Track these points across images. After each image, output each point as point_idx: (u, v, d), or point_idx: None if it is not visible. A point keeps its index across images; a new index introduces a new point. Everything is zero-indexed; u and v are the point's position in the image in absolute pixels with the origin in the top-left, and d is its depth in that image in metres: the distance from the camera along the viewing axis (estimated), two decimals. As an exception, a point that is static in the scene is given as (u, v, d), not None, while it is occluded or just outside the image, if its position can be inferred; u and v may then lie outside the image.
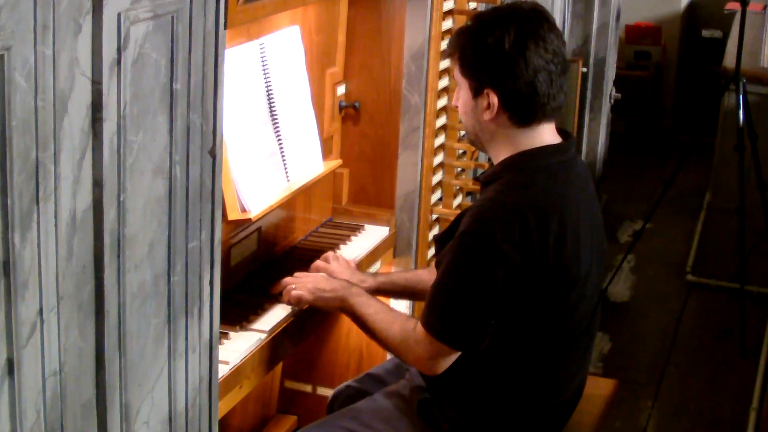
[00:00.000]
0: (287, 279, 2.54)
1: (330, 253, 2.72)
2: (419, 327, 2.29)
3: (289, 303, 2.51)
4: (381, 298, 2.60)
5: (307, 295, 2.48)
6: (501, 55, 2.20)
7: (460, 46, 2.28)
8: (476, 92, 2.27)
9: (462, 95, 2.31)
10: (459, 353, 2.27)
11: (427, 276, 2.65)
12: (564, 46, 2.26)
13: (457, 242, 2.22)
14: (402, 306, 3.16)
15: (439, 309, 2.25)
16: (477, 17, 2.30)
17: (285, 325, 2.47)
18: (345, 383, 2.75)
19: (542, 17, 2.24)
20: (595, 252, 2.32)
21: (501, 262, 2.16)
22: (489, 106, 2.24)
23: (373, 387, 2.66)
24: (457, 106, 2.36)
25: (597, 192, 2.44)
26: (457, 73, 2.31)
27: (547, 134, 2.29)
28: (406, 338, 2.32)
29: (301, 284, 2.50)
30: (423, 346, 2.28)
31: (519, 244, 2.16)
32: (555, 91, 2.23)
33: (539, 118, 2.26)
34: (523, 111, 2.24)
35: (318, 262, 2.68)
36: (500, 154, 2.30)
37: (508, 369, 2.31)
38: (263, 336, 2.39)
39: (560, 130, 2.33)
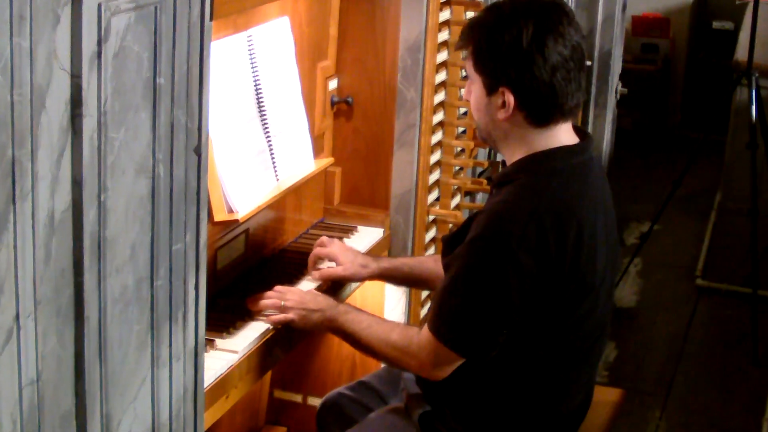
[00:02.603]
0: (268, 295, 2.51)
1: (324, 238, 2.74)
2: (424, 332, 2.29)
3: (272, 324, 2.49)
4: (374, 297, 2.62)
5: (294, 318, 2.47)
6: (518, 53, 2.18)
7: (475, 40, 2.26)
8: (491, 90, 2.25)
9: (475, 91, 2.29)
10: (463, 360, 2.28)
11: (432, 264, 2.66)
12: (584, 41, 2.24)
13: (469, 246, 2.22)
14: (399, 306, 3.17)
15: (448, 314, 2.25)
16: (492, 9, 2.27)
17: (274, 332, 2.47)
18: (337, 390, 2.76)
19: (561, 11, 2.22)
20: (610, 258, 2.32)
21: (515, 268, 2.16)
22: (504, 104, 2.23)
23: (366, 396, 2.67)
24: (468, 100, 2.34)
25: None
26: (469, 67, 2.29)
27: (564, 134, 2.28)
28: (408, 345, 2.32)
29: (287, 304, 2.48)
30: (427, 351, 2.28)
31: (535, 250, 2.15)
32: (573, 89, 2.22)
33: (557, 117, 2.25)
34: (539, 110, 2.23)
35: (317, 249, 2.70)
36: (514, 154, 2.29)
37: (515, 378, 2.32)
38: (251, 343, 2.39)
39: (577, 129, 2.33)
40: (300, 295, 2.50)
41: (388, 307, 3.09)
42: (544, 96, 2.20)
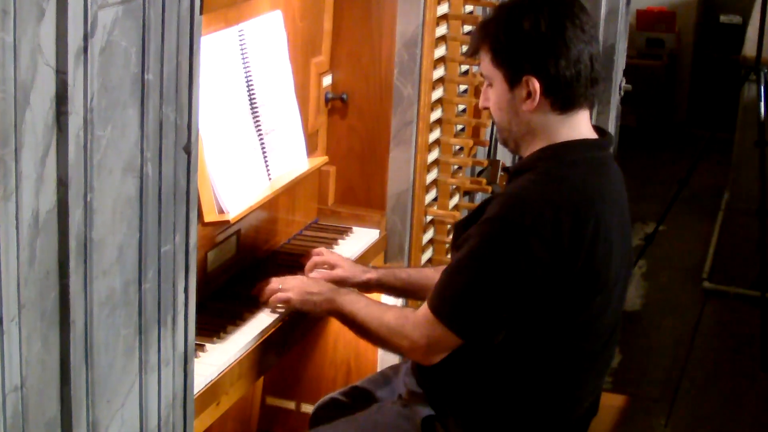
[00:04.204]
0: (272, 280, 2.56)
1: (321, 249, 2.75)
2: (422, 309, 2.30)
3: (274, 309, 2.52)
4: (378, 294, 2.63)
5: (295, 298, 2.50)
6: (539, 38, 2.23)
7: (491, 36, 2.30)
8: (513, 82, 2.28)
9: (495, 90, 2.32)
10: (459, 344, 2.28)
11: (432, 273, 2.67)
12: (596, 29, 2.29)
13: (482, 227, 2.24)
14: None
15: (451, 292, 2.27)
16: (503, 6, 2.32)
17: (267, 335, 2.48)
18: (329, 395, 2.77)
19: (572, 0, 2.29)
20: (624, 258, 2.33)
21: (526, 255, 2.18)
22: (530, 94, 2.26)
23: (360, 400, 2.67)
24: (486, 107, 2.37)
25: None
26: (487, 66, 2.31)
27: (584, 126, 2.32)
28: (403, 324, 2.33)
29: (286, 286, 2.52)
30: (422, 329, 2.29)
31: (549, 240, 2.17)
32: (596, 74, 2.28)
33: (580, 102, 2.29)
34: (565, 96, 2.27)
35: (315, 258, 2.72)
36: (534, 147, 2.32)
37: (521, 380, 2.33)
38: (243, 348, 2.40)
39: (595, 128, 2.36)
40: (300, 280, 2.56)
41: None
42: (569, 80, 2.25)
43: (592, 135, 2.33)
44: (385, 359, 3.08)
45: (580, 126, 2.31)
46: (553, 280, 2.20)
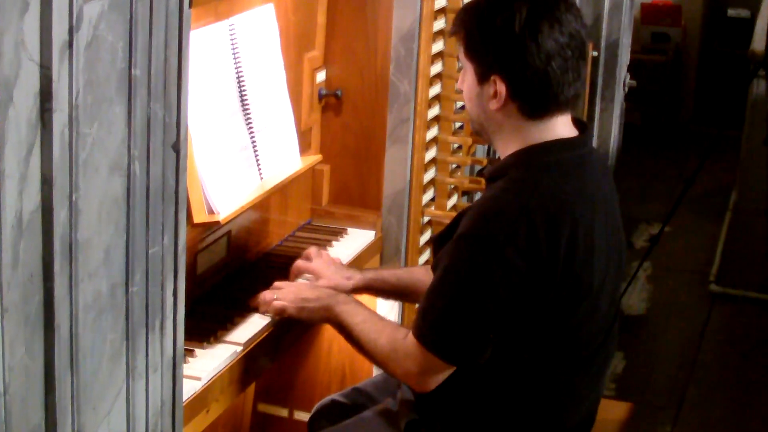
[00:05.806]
0: (266, 292, 2.55)
1: (312, 249, 2.74)
2: (410, 337, 2.30)
3: (267, 313, 2.52)
4: (368, 297, 2.62)
5: (290, 307, 2.49)
6: (510, 38, 2.21)
7: (466, 25, 2.29)
8: (482, 78, 2.27)
9: (467, 80, 2.32)
10: (453, 368, 2.29)
11: (423, 275, 2.67)
12: (584, 28, 2.26)
13: (456, 245, 2.24)
14: (392, 314, 3.17)
15: (433, 318, 2.27)
16: None
17: (259, 340, 2.48)
18: (329, 397, 2.78)
19: None
20: (612, 259, 2.32)
21: (503, 268, 2.17)
22: (496, 94, 2.25)
23: (360, 402, 2.68)
24: (461, 90, 2.37)
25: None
26: (462, 54, 2.32)
27: (560, 126, 2.29)
28: (395, 350, 2.33)
29: (282, 295, 2.51)
30: (413, 358, 2.30)
31: (525, 249, 2.17)
32: (571, 78, 2.23)
33: (552, 109, 2.26)
34: (533, 101, 2.25)
35: (299, 262, 2.71)
36: (508, 147, 2.31)
37: (509, 388, 2.33)
38: (233, 353, 2.40)
39: (576, 121, 2.34)
40: (296, 287, 2.56)
41: (380, 312, 3.09)
42: (537, 85, 2.22)
43: (570, 133, 2.31)
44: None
45: (555, 127, 2.29)
46: (534, 289, 2.20)
